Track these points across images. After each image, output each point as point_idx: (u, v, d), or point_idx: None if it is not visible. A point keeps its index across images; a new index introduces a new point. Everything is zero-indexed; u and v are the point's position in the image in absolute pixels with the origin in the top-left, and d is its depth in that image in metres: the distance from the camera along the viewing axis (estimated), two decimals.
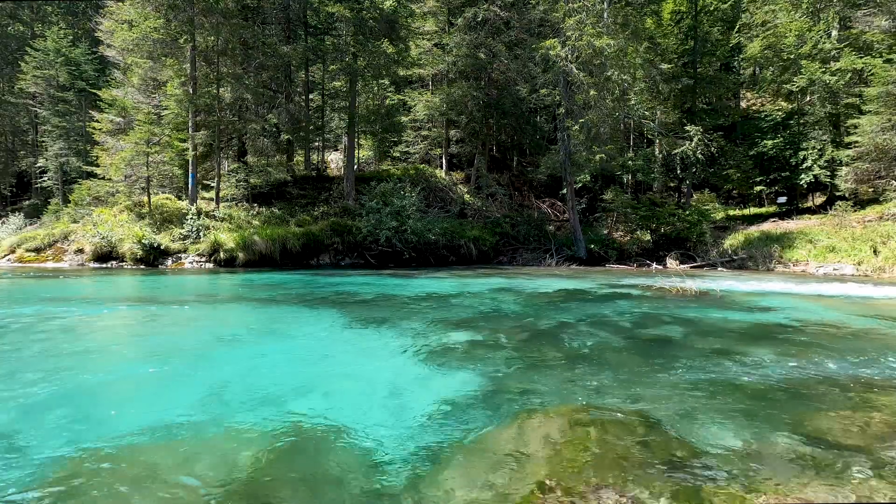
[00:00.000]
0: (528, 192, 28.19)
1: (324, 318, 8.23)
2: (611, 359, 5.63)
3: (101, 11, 26.76)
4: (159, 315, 8.55)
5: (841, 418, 3.82)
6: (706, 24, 24.87)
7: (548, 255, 21.07)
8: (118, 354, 6.09)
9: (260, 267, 16.93)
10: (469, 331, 7.07)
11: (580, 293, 11.55)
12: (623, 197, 22.96)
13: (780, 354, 5.76)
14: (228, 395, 4.37)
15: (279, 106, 23.21)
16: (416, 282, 13.68)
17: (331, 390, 4.68)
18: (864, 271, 15.58)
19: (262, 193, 21.97)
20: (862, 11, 21.34)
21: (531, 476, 2.96)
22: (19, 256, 17.93)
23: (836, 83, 20.24)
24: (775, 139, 22.93)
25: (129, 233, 17.20)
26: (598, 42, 18.41)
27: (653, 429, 3.64)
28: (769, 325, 7.57)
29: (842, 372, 5.03)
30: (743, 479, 2.92)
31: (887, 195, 19.15)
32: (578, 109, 20.60)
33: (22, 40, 33.63)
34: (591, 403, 4.16)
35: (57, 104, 28.76)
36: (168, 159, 19.99)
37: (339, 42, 21.84)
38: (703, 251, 20.19)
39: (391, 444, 3.41)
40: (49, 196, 29.48)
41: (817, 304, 10.10)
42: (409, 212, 19.43)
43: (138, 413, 4.02)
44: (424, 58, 25.62)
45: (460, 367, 5.27)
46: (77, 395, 4.44)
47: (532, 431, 3.61)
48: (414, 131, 27.15)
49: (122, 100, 20.39)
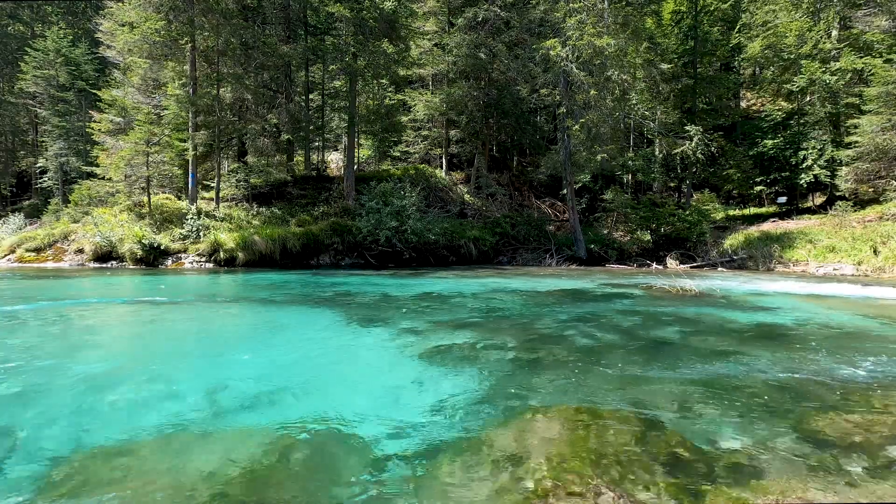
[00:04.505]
0: (528, 192, 28.18)
1: (324, 318, 8.23)
2: (611, 359, 5.63)
3: (101, 12, 26.79)
4: (159, 315, 8.55)
5: (841, 418, 3.82)
6: (706, 24, 24.87)
7: (548, 255, 21.07)
8: (117, 354, 6.09)
9: (260, 267, 16.93)
10: (469, 331, 7.06)
11: (580, 293, 11.55)
12: (623, 197, 22.95)
13: (779, 354, 5.76)
14: (227, 395, 4.37)
15: (279, 106, 23.20)
16: (416, 282, 13.67)
17: (330, 390, 4.68)
18: (865, 271, 15.57)
19: (262, 193, 21.96)
20: (862, 11, 21.36)
21: (531, 476, 2.96)
22: (19, 256, 17.92)
23: (836, 83, 20.23)
24: (775, 139, 22.92)
25: (129, 233, 17.20)
26: (599, 42, 18.41)
27: (653, 429, 3.64)
28: (769, 326, 7.57)
29: (842, 372, 5.03)
30: (743, 479, 2.92)
31: (887, 195, 19.14)
32: (579, 109, 20.60)
33: (22, 40, 33.63)
34: (591, 403, 4.16)
35: (57, 104, 28.75)
36: (168, 159, 19.99)
37: (339, 42, 21.83)
38: (703, 251, 20.19)
39: (391, 443, 3.41)
40: (49, 196, 29.47)
41: (817, 304, 10.09)
42: (409, 212, 19.42)
43: (138, 412, 4.02)
44: (424, 58, 25.61)
45: (460, 367, 5.27)
46: (76, 394, 4.43)
47: (532, 431, 3.61)
48: (414, 131, 27.14)
49: (122, 100, 20.38)
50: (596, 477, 2.93)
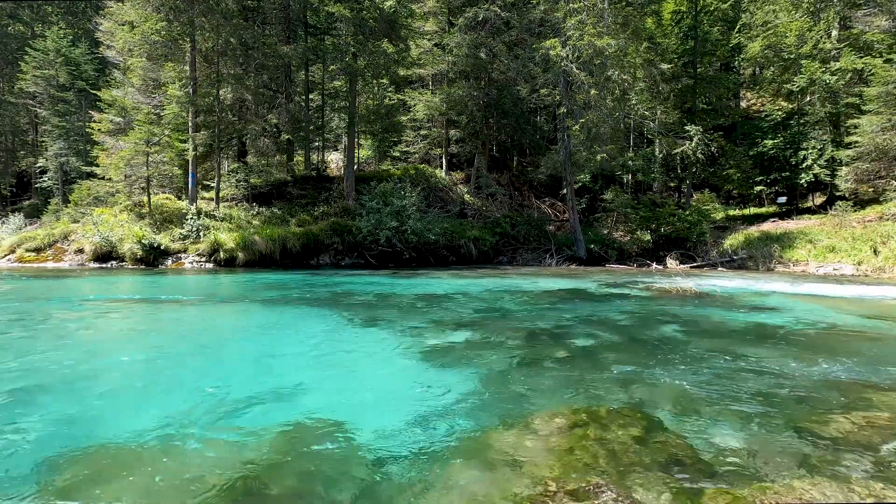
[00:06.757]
0: (528, 192, 28.18)
1: (323, 318, 8.23)
2: (611, 359, 5.63)
3: (101, 12, 26.80)
4: (159, 315, 8.55)
5: (841, 418, 3.81)
6: (706, 24, 24.88)
7: (548, 255, 21.07)
8: (117, 354, 6.08)
9: (260, 267, 16.93)
10: (469, 331, 7.06)
11: (580, 293, 11.55)
12: (623, 197, 22.95)
13: (779, 354, 5.75)
14: (226, 395, 4.37)
15: (279, 106, 23.20)
16: (417, 282, 13.67)
17: (330, 390, 4.68)
18: (865, 271, 15.58)
19: (262, 193, 21.96)
20: (862, 11, 21.36)
21: (531, 476, 2.96)
22: (19, 256, 17.92)
23: (836, 83, 20.24)
24: (775, 139, 22.92)
25: (129, 233, 17.20)
26: (599, 42, 18.41)
27: (653, 429, 3.64)
28: (769, 326, 7.57)
29: (842, 372, 5.03)
30: (743, 479, 2.92)
31: (887, 195, 19.14)
32: (579, 109, 20.60)
33: (22, 40, 33.63)
34: (591, 403, 4.16)
35: (57, 104, 28.75)
36: (168, 159, 19.99)
37: (339, 42, 21.82)
38: (703, 251, 20.19)
39: (391, 443, 3.41)
40: (49, 196, 29.47)
41: (817, 304, 10.09)
42: (409, 212, 19.42)
43: (137, 412, 4.02)
44: (424, 58, 25.61)
45: (460, 367, 5.26)
46: (75, 394, 4.43)
47: (532, 431, 3.61)
48: (414, 131, 27.14)
49: (121, 100, 20.38)
50: (596, 477, 2.93)
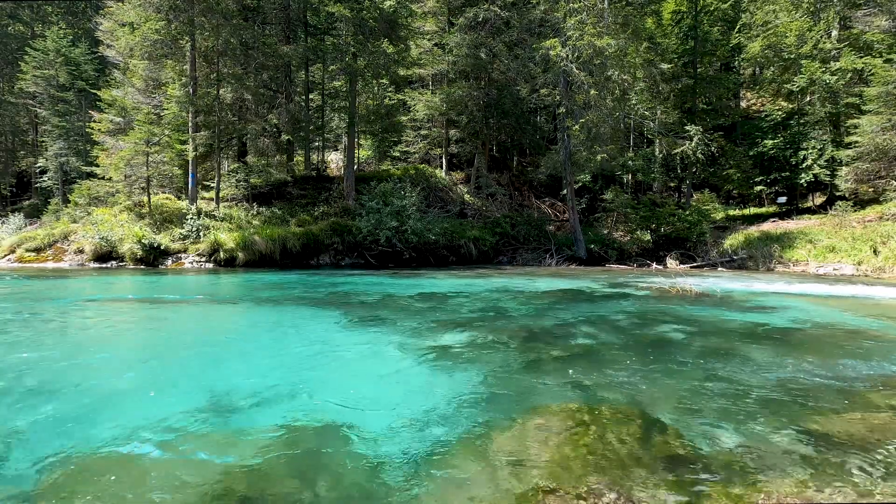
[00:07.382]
0: (528, 192, 28.18)
1: (323, 318, 8.23)
2: (611, 359, 5.63)
3: (101, 12, 26.81)
4: (159, 314, 8.55)
5: (841, 418, 3.82)
6: (706, 24, 24.87)
7: (548, 255, 21.07)
8: (116, 354, 6.08)
9: (260, 267, 16.93)
10: (469, 331, 7.07)
11: (580, 293, 11.55)
12: (623, 197, 22.95)
13: (779, 354, 5.76)
14: (227, 395, 4.37)
15: (279, 106, 23.20)
16: (417, 282, 13.67)
17: (330, 390, 4.68)
18: (864, 271, 15.58)
19: (262, 193, 21.96)
20: (862, 11, 21.36)
21: (531, 476, 2.96)
22: (19, 256, 17.92)
23: (836, 83, 20.24)
24: (775, 139, 22.92)
25: (129, 233, 17.20)
26: (599, 42, 18.41)
27: (653, 428, 3.64)
28: (769, 325, 7.57)
29: (842, 371, 5.03)
30: (743, 479, 2.92)
31: (887, 195, 19.14)
32: (579, 109, 20.60)
33: (22, 40, 33.61)
34: (591, 403, 4.16)
35: (57, 104, 28.74)
36: (168, 159, 19.99)
37: (339, 42, 21.82)
38: (703, 251, 20.19)
39: (391, 443, 3.41)
40: (49, 196, 29.46)
41: (817, 304, 10.09)
42: (409, 212, 19.42)
43: (137, 412, 4.02)
44: (424, 58, 25.60)
45: (460, 367, 5.27)
46: (74, 394, 4.43)
47: (532, 431, 3.61)
48: (414, 131, 27.14)
49: (122, 100, 20.38)
50: (596, 476, 2.93)
